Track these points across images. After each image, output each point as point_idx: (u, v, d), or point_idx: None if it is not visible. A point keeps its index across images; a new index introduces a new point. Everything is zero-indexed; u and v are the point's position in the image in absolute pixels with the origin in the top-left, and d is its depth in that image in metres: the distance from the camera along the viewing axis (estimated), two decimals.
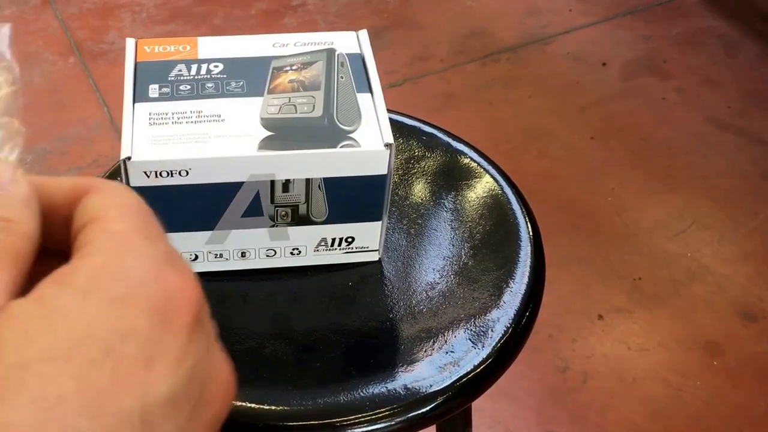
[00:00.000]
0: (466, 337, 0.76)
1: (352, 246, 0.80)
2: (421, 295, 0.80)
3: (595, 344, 1.71)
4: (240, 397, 0.71)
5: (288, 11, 2.50)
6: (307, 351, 0.75)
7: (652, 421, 1.60)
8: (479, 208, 0.87)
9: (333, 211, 0.77)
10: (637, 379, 1.66)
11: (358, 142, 0.73)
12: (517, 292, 0.80)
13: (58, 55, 2.34)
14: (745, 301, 1.78)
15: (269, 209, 0.76)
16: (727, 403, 1.63)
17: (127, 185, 0.71)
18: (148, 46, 0.80)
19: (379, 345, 0.76)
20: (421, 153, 0.92)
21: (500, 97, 2.24)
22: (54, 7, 2.49)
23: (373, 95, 0.77)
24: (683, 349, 1.71)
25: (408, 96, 2.23)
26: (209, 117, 0.74)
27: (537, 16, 2.50)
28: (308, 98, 0.76)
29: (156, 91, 0.76)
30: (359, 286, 0.81)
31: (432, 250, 0.83)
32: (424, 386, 0.72)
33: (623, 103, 2.23)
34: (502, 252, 0.83)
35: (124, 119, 0.73)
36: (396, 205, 0.87)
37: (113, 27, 2.44)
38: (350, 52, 0.81)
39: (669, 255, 1.87)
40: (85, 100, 2.21)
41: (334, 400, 0.71)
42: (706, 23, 2.48)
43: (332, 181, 0.74)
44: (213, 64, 0.79)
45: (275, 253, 0.79)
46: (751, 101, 2.24)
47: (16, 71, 0.40)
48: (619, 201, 1.98)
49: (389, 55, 2.35)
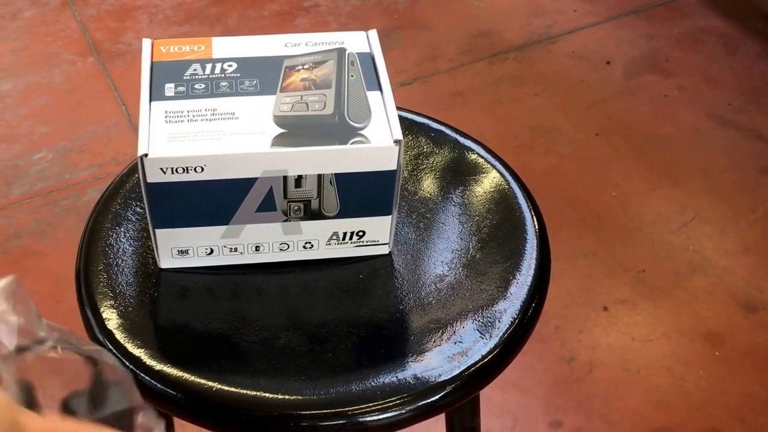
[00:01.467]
0: (474, 328, 0.76)
1: (363, 240, 0.80)
2: (430, 287, 0.79)
3: (600, 335, 1.71)
4: (254, 387, 0.71)
5: (300, 12, 2.50)
6: (319, 342, 0.75)
7: (655, 410, 1.59)
8: (486, 203, 0.87)
9: (344, 206, 0.77)
10: (641, 369, 1.66)
11: (368, 138, 0.73)
12: (523, 283, 0.79)
13: (77, 56, 2.34)
14: (745, 293, 1.78)
15: (282, 204, 0.76)
16: (728, 392, 1.62)
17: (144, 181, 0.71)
18: (164, 46, 0.80)
19: (389, 336, 0.76)
20: (430, 149, 0.92)
21: (507, 95, 2.24)
22: (73, 8, 2.50)
23: (382, 93, 0.77)
24: (686, 339, 1.70)
25: (418, 94, 2.23)
26: (223, 115, 0.74)
27: (542, 16, 2.50)
28: (320, 96, 0.76)
29: (172, 90, 0.76)
30: (370, 278, 0.80)
31: (440, 243, 0.83)
32: (434, 376, 0.72)
33: (627, 101, 2.22)
34: (508, 245, 0.83)
35: (141, 117, 0.73)
36: (405, 199, 0.87)
37: (131, 28, 2.44)
38: (360, 52, 0.80)
39: (672, 248, 1.86)
40: (104, 100, 2.21)
41: (346, 389, 0.71)
42: (706, 23, 2.47)
43: (343, 177, 0.74)
44: (227, 64, 0.78)
45: (288, 246, 0.79)
46: (750, 98, 2.23)
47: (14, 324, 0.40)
48: (623, 196, 1.97)
49: (399, 55, 2.34)
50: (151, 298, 0.78)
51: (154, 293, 0.79)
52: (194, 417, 0.72)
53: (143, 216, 0.83)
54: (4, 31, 2.42)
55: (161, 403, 0.72)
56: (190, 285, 0.79)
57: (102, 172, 2.01)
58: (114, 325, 0.75)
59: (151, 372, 0.72)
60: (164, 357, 0.73)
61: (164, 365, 0.72)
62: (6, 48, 2.37)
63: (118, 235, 0.83)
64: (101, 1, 2.53)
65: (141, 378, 0.72)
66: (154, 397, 0.72)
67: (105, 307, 0.77)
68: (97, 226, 0.84)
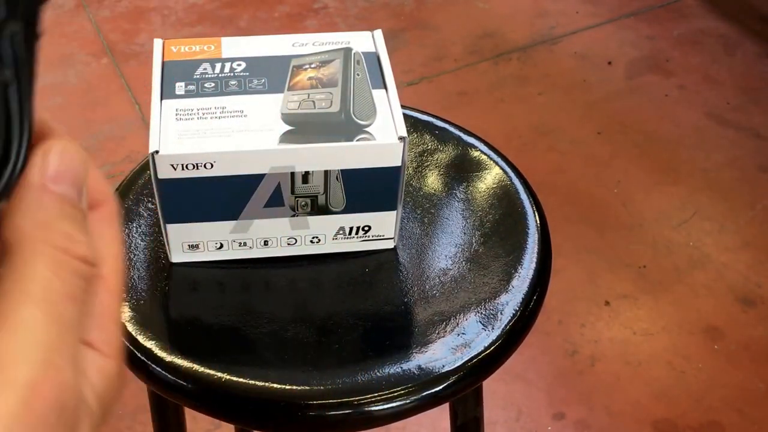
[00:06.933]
0: (476, 320, 0.76)
1: (368, 234, 0.80)
2: (434, 281, 0.80)
3: (602, 329, 1.71)
4: (263, 378, 0.71)
5: (310, 14, 2.50)
6: (326, 334, 0.75)
7: (656, 402, 1.59)
8: (489, 198, 0.87)
9: (350, 201, 0.77)
10: (642, 362, 1.66)
11: (374, 135, 0.73)
12: (525, 277, 0.79)
13: (91, 56, 2.35)
14: (744, 288, 1.78)
15: (290, 200, 0.76)
16: (727, 384, 1.62)
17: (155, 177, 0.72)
18: (175, 46, 0.80)
19: (394, 328, 0.76)
20: (434, 146, 0.92)
21: (511, 94, 2.24)
22: (87, 10, 2.50)
23: (387, 91, 0.77)
24: (686, 333, 1.70)
25: (424, 94, 2.23)
26: (232, 113, 0.74)
27: (546, 17, 2.50)
28: (326, 94, 0.76)
29: (182, 89, 0.76)
30: (375, 272, 0.81)
31: (444, 238, 0.83)
32: (437, 366, 0.72)
33: (628, 100, 2.22)
34: (510, 239, 0.83)
35: (152, 115, 0.73)
36: (410, 195, 0.87)
37: (144, 29, 2.44)
38: (366, 51, 0.81)
39: (672, 244, 1.86)
40: (118, 99, 2.22)
41: (352, 380, 0.71)
42: (706, 24, 2.47)
43: (349, 173, 0.75)
44: (236, 63, 0.79)
45: (296, 241, 0.80)
46: (749, 97, 2.23)
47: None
48: (624, 193, 1.97)
49: (406, 56, 2.35)
50: (162, 292, 0.78)
51: (166, 287, 0.79)
52: (204, 407, 0.73)
53: (155, 212, 0.84)
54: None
55: (172, 393, 0.73)
56: (201, 279, 0.79)
57: (116, 170, 2.01)
58: (126, 317, 0.76)
59: (162, 363, 0.72)
60: (175, 349, 0.73)
61: (175, 357, 0.73)
62: None
63: (130, 230, 0.83)
64: (115, 3, 2.53)
65: (152, 369, 0.73)
66: (166, 387, 0.72)
67: None
68: None
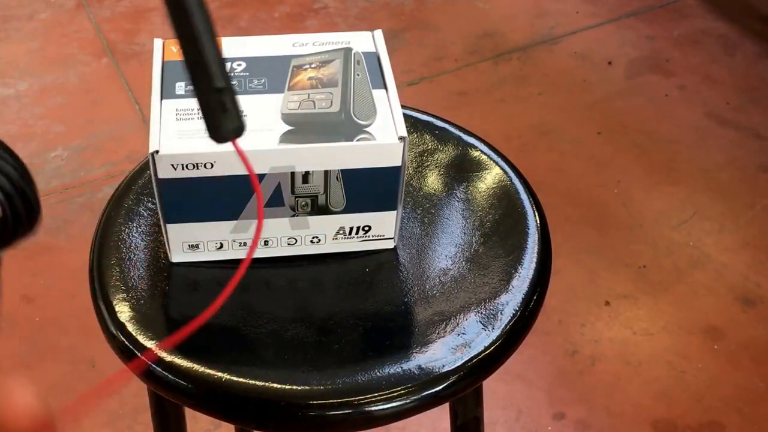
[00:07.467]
0: (476, 320, 0.76)
1: (368, 234, 0.80)
2: (434, 281, 0.79)
3: (602, 329, 1.71)
4: (263, 378, 0.71)
5: (310, 14, 2.50)
6: (326, 334, 0.75)
7: (656, 402, 1.59)
8: (489, 198, 0.86)
9: (350, 201, 0.77)
10: (642, 362, 1.66)
11: (374, 135, 0.73)
12: (525, 277, 0.79)
13: (92, 57, 2.35)
14: (744, 288, 1.78)
15: (290, 199, 0.76)
16: (727, 384, 1.62)
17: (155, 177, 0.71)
18: (175, 46, 0.80)
19: (394, 328, 0.76)
20: (434, 146, 0.91)
21: (511, 94, 2.24)
22: (88, 10, 2.50)
23: (387, 91, 0.77)
24: (686, 333, 1.70)
25: (424, 94, 2.23)
26: None
27: (546, 17, 2.49)
28: (326, 94, 0.76)
29: (182, 89, 0.76)
30: (376, 272, 0.81)
31: (444, 238, 0.83)
32: (438, 366, 0.72)
33: (628, 100, 2.22)
34: (510, 239, 0.83)
35: (152, 115, 0.73)
36: (410, 195, 0.87)
37: (144, 29, 2.44)
38: (366, 51, 0.81)
39: (672, 244, 1.86)
40: (118, 99, 2.21)
41: (352, 380, 0.71)
42: (706, 24, 2.47)
43: (349, 173, 0.74)
44: (236, 63, 0.79)
45: (296, 241, 0.79)
46: (748, 98, 2.22)
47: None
48: (624, 193, 1.97)
49: (406, 56, 2.35)
50: (162, 292, 0.78)
51: (166, 287, 0.79)
52: (205, 407, 0.72)
53: (155, 211, 0.84)
54: (20, 33, 2.42)
55: (172, 393, 0.73)
56: (201, 279, 0.79)
57: (116, 170, 2.01)
58: (126, 317, 0.75)
59: (162, 363, 0.72)
60: (175, 349, 0.73)
61: (175, 357, 0.72)
62: (22, 49, 2.37)
63: (130, 230, 0.83)
64: (115, 3, 2.53)
65: (152, 369, 0.72)
66: (166, 387, 0.72)
67: (117, 300, 0.77)
68: (110, 222, 0.84)
